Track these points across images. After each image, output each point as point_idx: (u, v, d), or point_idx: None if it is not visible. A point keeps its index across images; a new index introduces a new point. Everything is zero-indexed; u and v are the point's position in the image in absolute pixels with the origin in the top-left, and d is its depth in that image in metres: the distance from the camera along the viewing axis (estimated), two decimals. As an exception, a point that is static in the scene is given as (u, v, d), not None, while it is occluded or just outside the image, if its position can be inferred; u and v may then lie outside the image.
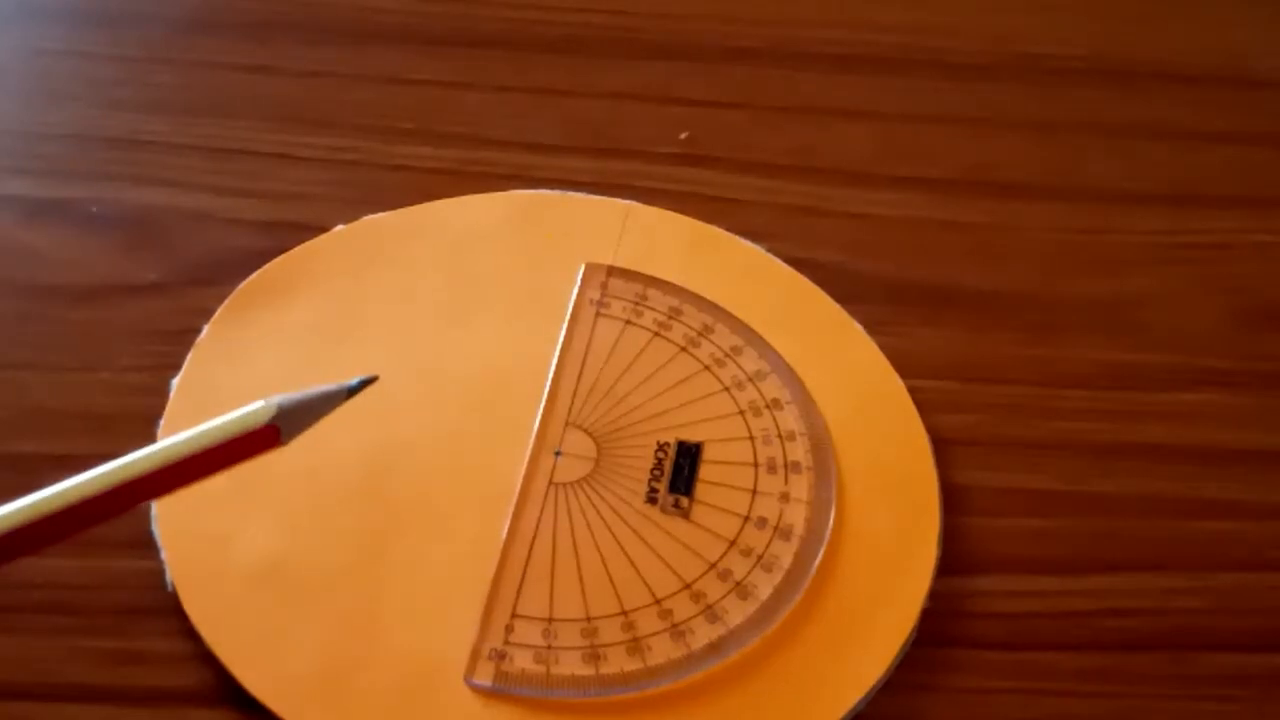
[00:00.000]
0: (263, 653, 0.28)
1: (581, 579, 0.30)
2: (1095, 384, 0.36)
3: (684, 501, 0.31)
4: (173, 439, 0.24)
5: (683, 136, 0.42)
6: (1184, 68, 0.46)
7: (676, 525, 0.31)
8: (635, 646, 0.29)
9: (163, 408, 0.32)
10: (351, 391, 0.25)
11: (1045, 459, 0.34)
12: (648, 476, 0.32)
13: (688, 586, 0.30)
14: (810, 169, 0.41)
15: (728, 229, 0.38)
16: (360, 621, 0.29)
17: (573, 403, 0.33)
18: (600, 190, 0.39)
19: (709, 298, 0.36)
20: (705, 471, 0.32)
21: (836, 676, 0.29)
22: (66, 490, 0.23)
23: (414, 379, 0.34)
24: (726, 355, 0.34)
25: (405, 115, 0.41)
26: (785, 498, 0.32)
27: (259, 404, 0.24)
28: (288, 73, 0.42)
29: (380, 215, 0.38)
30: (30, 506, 0.23)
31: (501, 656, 0.28)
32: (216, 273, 0.36)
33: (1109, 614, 0.31)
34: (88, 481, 0.23)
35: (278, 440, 0.25)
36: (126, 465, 0.23)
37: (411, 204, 0.38)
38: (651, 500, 0.31)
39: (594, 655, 0.28)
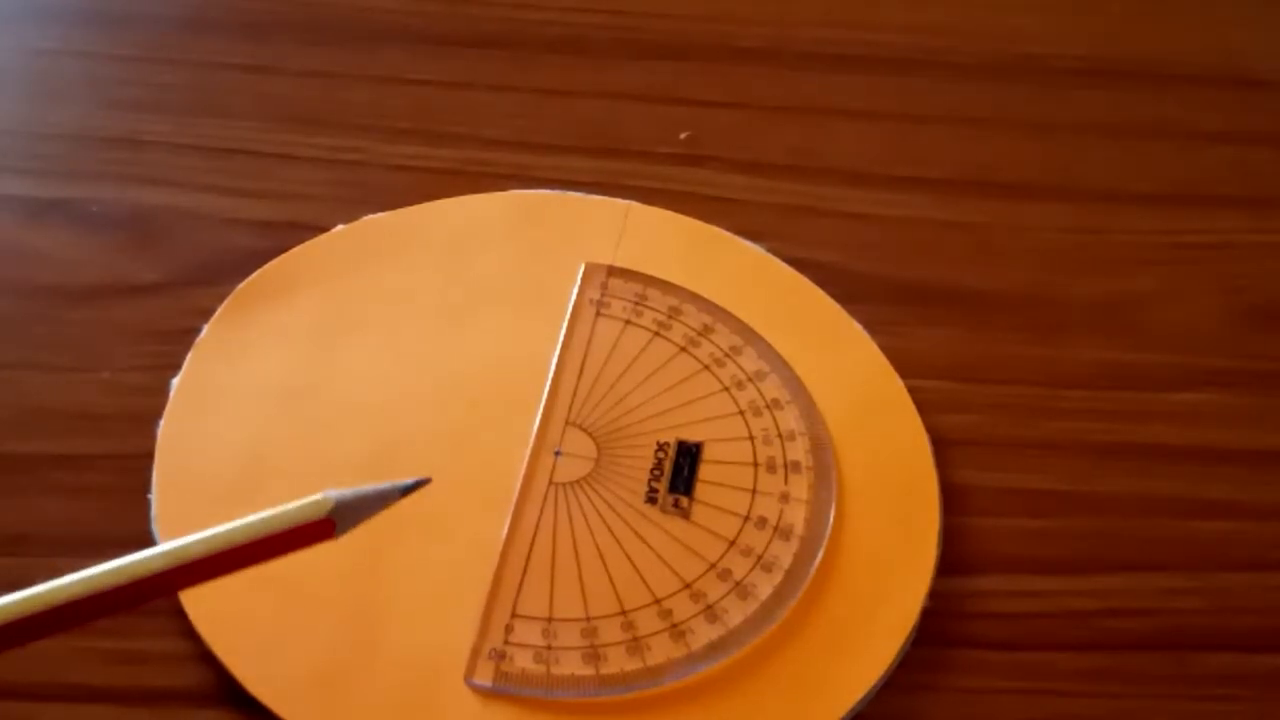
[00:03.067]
0: (263, 653, 0.28)
1: (581, 579, 0.30)
2: (1095, 384, 0.36)
3: (684, 501, 0.31)
4: (227, 526, 0.24)
5: (683, 136, 0.42)
6: (1184, 68, 0.46)
7: (676, 525, 0.31)
8: (635, 646, 0.29)
9: (163, 408, 0.32)
10: (404, 492, 0.25)
11: (1045, 459, 0.34)
12: (647, 476, 0.32)
13: (688, 586, 0.30)
14: (810, 169, 0.41)
15: (728, 229, 0.38)
16: (360, 621, 0.29)
17: (573, 402, 0.33)
18: (600, 190, 0.39)
19: (709, 298, 0.36)
20: (705, 471, 0.32)
21: (836, 676, 0.29)
22: (115, 570, 0.23)
23: (414, 379, 0.34)
24: (726, 355, 0.34)
25: (405, 115, 0.41)
26: (785, 498, 0.32)
27: (316, 497, 0.24)
28: (288, 73, 0.42)
29: (380, 215, 0.38)
30: (75, 584, 0.23)
31: (501, 656, 0.28)
32: (216, 273, 0.36)
33: (1109, 614, 0.31)
34: (138, 562, 0.23)
35: (332, 533, 0.24)
36: (178, 549, 0.23)
37: (411, 204, 0.38)
38: (651, 500, 0.31)
39: (594, 655, 0.28)
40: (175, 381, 0.33)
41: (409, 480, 0.25)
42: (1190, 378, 0.36)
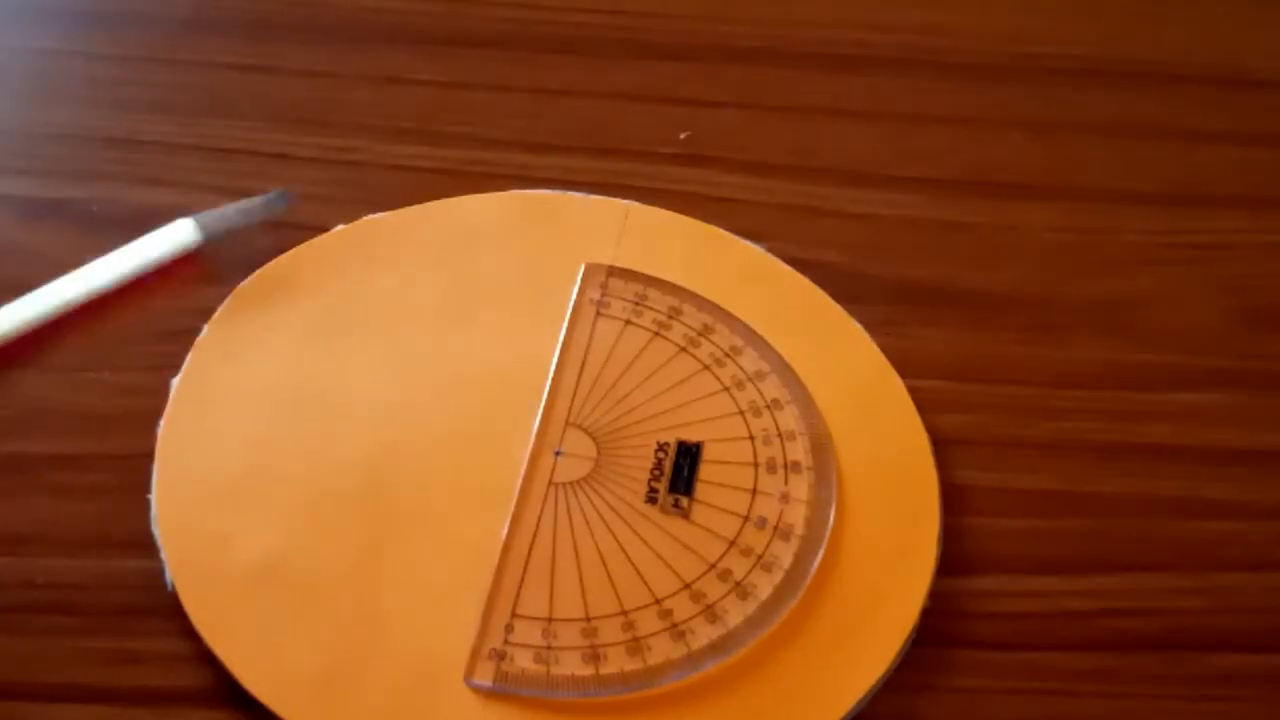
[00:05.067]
0: (263, 653, 0.28)
1: (581, 579, 0.30)
2: (1095, 384, 0.36)
3: (684, 501, 0.31)
4: (99, 263, 0.25)
5: (683, 136, 0.42)
6: (1184, 68, 0.46)
7: (676, 525, 0.31)
8: (635, 646, 0.29)
9: (163, 408, 0.32)
10: (264, 206, 0.26)
11: (1045, 459, 0.34)
12: (648, 476, 0.32)
13: (688, 586, 0.30)
14: (810, 169, 0.41)
15: (728, 229, 0.38)
16: (360, 621, 0.29)
17: (573, 403, 0.33)
18: (600, 190, 0.39)
19: (709, 298, 0.36)
20: (705, 471, 0.32)
21: (836, 676, 0.29)
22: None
23: (414, 379, 0.34)
24: (726, 355, 0.34)
25: (405, 115, 0.41)
26: (785, 498, 0.32)
27: (177, 222, 0.25)
28: (288, 73, 0.42)
29: (380, 215, 0.38)
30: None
31: (501, 656, 0.28)
32: (216, 273, 0.36)
33: (1109, 614, 0.31)
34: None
35: (198, 251, 0.26)
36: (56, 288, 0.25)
37: (411, 204, 0.38)
38: (651, 500, 0.31)
39: (594, 655, 0.28)
40: (175, 381, 0.33)
41: (270, 193, 0.27)
42: (1190, 378, 0.36)
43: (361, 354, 0.34)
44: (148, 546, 0.30)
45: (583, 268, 0.36)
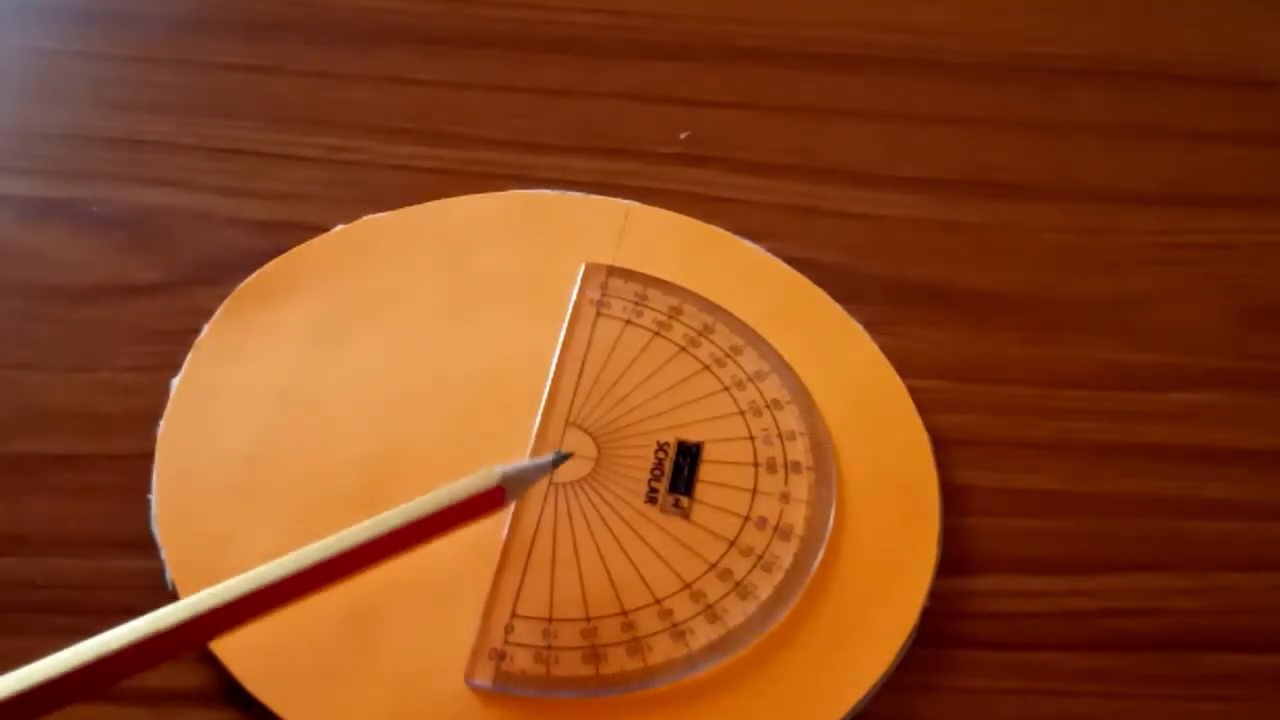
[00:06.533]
0: (263, 653, 0.28)
1: (581, 579, 0.30)
2: (1095, 384, 0.36)
3: (684, 501, 0.31)
4: (408, 505, 0.27)
5: (683, 136, 0.42)
6: (1184, 68, 0.46)
7: (676, 525, 0.31)
8: (635, 646, 0.29)
9: (163, 408, 0.32)
10: (554, 464, 0.30)
11: (1045, 459, 0.34)
12: (648, 476, 0.32)
13: (688, 586, 0.30)
14: (810, 169, 0.41)
15: (728, 229, 0.38)
16: (360, 621, 0.29)
17: (573, 402, 0.33)
18: (600, 190, 0.39)
19: (709, 298, 0.36)
20: (705, 471, 0.32)
21: (836, 676, 0.29)
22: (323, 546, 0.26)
23: (414, 379, 0.34)
24: (726, 355, 0.34)
25: (405, 115, 0.41)
26: (785, 498, 0.32)
27: (484, 471, 0.28)
28: (288, 73, 0.42)
29: (380, 215, 0.38)
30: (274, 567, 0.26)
31: (501, 656, 0.28)
32: (216, 273, 0.36)
33: (1109, 614, 0.31)
34: (343, 537, 0.26)
35: (503, 501, 0.28)
36: (377, 522, 0.27)
37: (411, 204, 0.38)
38: (651, 500, 0.31)
39: (594, 655, 0.28)
40: (175, 381, 0.33)
41: (553, 454, 0.30)
42: (1190, 378, 0.36)
43: (361, 354, 0.34)
44: (148, 546, 0.30)
45: (583, 268, 0.36)
